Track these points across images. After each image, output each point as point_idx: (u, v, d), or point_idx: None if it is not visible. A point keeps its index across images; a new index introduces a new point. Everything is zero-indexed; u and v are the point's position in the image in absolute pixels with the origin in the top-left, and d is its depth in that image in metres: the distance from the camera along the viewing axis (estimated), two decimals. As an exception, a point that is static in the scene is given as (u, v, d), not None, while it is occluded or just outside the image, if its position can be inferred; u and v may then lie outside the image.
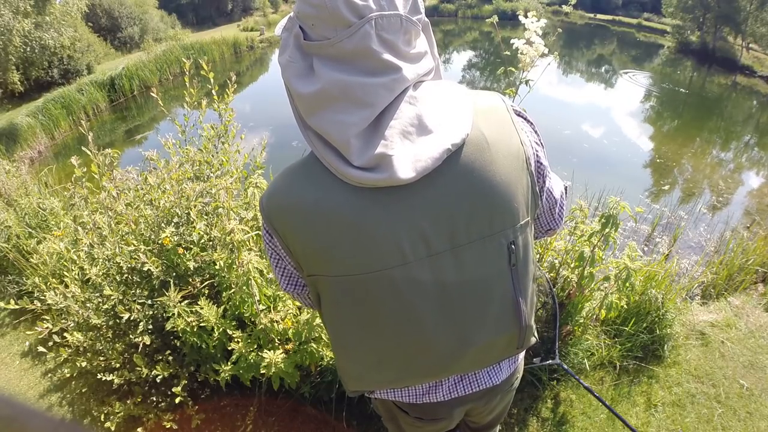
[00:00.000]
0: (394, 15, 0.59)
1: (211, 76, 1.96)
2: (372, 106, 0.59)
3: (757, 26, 18.16)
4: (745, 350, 2.29)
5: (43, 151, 10.19)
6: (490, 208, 0.64)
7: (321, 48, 0.60)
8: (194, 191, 1.78)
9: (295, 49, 0.63)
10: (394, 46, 0.60)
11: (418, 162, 0.59)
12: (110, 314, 1.78)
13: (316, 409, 1.92)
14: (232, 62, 19.65)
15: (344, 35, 0.57)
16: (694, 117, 12.44)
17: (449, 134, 0.61)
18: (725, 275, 2.93)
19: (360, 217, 0.62)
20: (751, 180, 8.30)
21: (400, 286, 0.65)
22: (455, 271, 0.65)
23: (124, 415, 1.81)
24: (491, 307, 0.69)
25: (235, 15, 30.79)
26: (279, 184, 0.69)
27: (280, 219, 0.68)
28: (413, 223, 0.62)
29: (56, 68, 13.23)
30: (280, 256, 0.76)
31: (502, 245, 0.66)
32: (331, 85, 0.59)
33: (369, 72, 0.59)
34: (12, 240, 2.80)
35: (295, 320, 1.63)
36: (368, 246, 0.63)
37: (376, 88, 0.59)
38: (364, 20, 0.57)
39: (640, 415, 1.95)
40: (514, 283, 0.69)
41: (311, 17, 0.59)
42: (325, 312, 0.75)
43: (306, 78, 0.62)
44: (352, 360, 0.76)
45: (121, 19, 19.57)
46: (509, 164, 0.65)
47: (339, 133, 0.60)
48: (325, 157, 0.62)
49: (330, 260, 0.66)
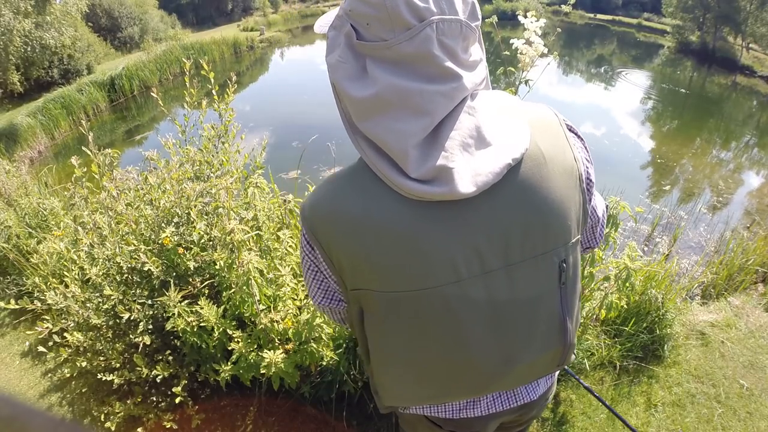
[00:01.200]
0: (455, 20, 0.56)
1: (212, 76, 1.96)
2: (431, 115, 0.57)
3: (757, 26, 18.16)
4: (745, 350, 2.29)
5: (43, 151, 10.19)
6: (545, 225, 0.62)
7: (376, 49, 0.57)
8: (194, 191, 1.78)
9: (346, 49, 0.59)
10: (453, 53, 0.57)
11: (478, 176, 0.57)
12: (110, 314, 1.78)
13: (316, 409, 1.92)
14: (232, 62, 19.65)
15: (403, 38, 0.54)
16: (694, 117, 12.44)
17: (509, 148, 0.59)
18: (725, 275, 2.93)
19: (413, 230, 0.59)
20: (751, 180, 8.30)
21: (452, 303, 0.62)
22: (508, 290, 0.63)
23: (124, 415, 1.81)
24: (539, 326, 0.68)
25: (235, 15, 30.80)
26: (324, 193, 0.65)
27: (325, 230, 0.64)
28: (468, 239, 0.60)
29: (56, 68, 13.24)
30: (320, 269, 0.72)
31: (554, 263, 0.65)
32: (388, 90, 0.56)
33: (428, 78, 0.56)
34: (12, 240, 2.80)
35: (295, 320, 1.63)
36: (421, 261, 0.60)
37: (436, 96, 0.56)
38: (425, 23, 0.54)
39: (640, 415, 1.95)
40: (562, 301, 0.68)
41: (367, 16, 0.56)
42: (368, 328, 0.71)
43: (359, 80, 0.59)
44: (393, 376, 0.74)
45: (121, 19, 19.57)
46: (564, 181, 0.63)
47: (396, 142, 0.57)
48: (378, 166, 0.59)
49: (379, 275, 0.63)
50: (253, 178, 1.97)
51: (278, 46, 23.83)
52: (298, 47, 25.40)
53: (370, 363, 0.76)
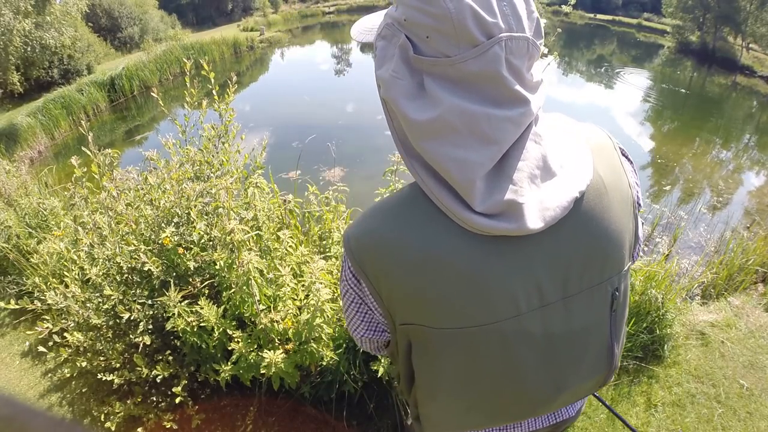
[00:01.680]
0: (522, 38, 0.51)
1: (212, 76, 1.96)
2: (498, 144, 0.52)
3: (757, 26, 18.16)
4: (745, 350, 2.29)
5: (43, 151, 10.19)
6: (604, 256, 0.61)
7: (437, 66, 0.51)
8: (194, 191, 1.78)
9: (400, 63, 0.54)
10: (519, 74, 0.53)
11: (546, 211, 0.54)
12: (110, 314, 1.79)
13: (316, 409, 1.92)
14: (232, 62, 19.65)
15: (469, 55, 0.49)
16: (694, 117, 12.44)
17: (575, 179, 0.56)
18: (725, 275, 2.93)
19: (476, 267, 0.56)
20: (751, 180, 8.30)
21: (509, 338, 0.60)
22: (563, 321, 0.62)
23: (124, 415, 1.81)
24: (588, 354, 0.67)
25: (235, 15, 30.80)
26: (375, 223, 0.60)
27: (376, 263, 0.60)
28: (530, 273, 0.58)
29: (56, 68, 13.24)
30: (364, 302, 0.68)
31: (607, 292, 0.63)
32: (452, 113, 0.51)
33: (494, 102, 0.52)
34: (12, 240, 2.80)
35: (295, 320, 1.63)
36: (481, 298, 0.57)
37: (504, 123, 0.52)
38: (494, 40, 0.49)
39: (640, 415, 1.95)
40: (611, 328, 0.66)
41: (427, 28, 0.51)
42: (417, 361, 0.68)
43: (417, 100, 0.54)
44: (440, 407, 0.72)
45: (121, 19, 19.57)
46: (621, 209, 0.61)
47: (461, 173, 0.52)
48: (438, 196, 0.55)
49: (435, 311, 0.59)
50: (253, 178, 1.97)
51: (278, 46, 23.83)
52: (298, 47, 25.40)
53: (411, 392, 0.74)
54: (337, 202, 2.10)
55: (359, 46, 25.14)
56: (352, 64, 20.69)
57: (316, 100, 13.23)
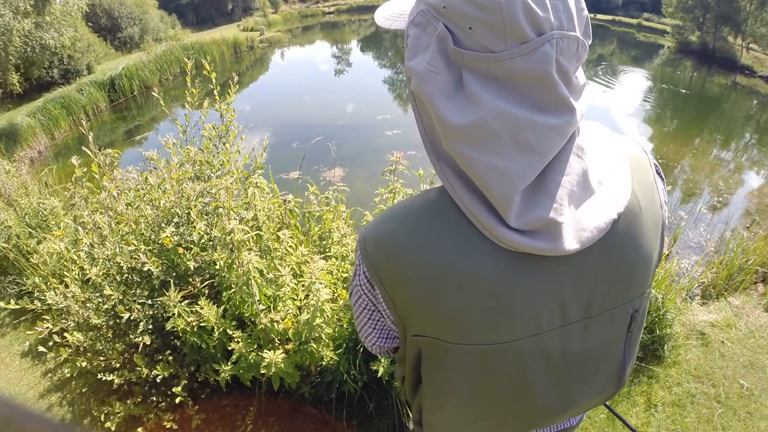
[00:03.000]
0: (573, 37, 0.47)
1: (213, 76, 1.96)
2: (542, 155, 0.48)
3: (757, 26, 18.17)
4: (745, 350, 2.29)
5: (43, 151, 10.20)
6: (630, 278, 0.58)
7: (478, 61, 0.46)
8: (194, 191, 1.78)
9: (437, 55, 0.48)
10: (567, 77, 0.48)
11: (582, 232, 0.50)
12: (110, 314, 1.79)
13: (316, 409, 1.92)
14: (232, 62, 19.66)
15: (517, 52, 0.45)
16: (694, 117, 12.44)
17: (614, 199, 0.53)
18: (725, 275, 2.93)
19: (502, 283, 0.53)
20: (751, 180, 8.30)
21: (525, 355, 0.58)
22: (581, 340, 0.60)
23: (124, 415, 1.81)
24: (600, 372, 0.66)
25: (235, 15, 30.81)
26: (395, 226, 0.56)
27: (393, 269, 0.56)
28: (557, 293, 0.55)
29: (56, 68, 13.25)
30: (377, 309, 0.65)
31: (627, 313, 0.61)
32: (495, 118, 0.47)
33: (540, 107, 0.47)
34: (12, 240, 2.80)
35: (295, 320, 1.63)
36: (505, 316, 0.54)
37: (550, 133, 0.48)
38: (545, 37, 0.45)
39: (640, 415, 1.95)
40: (625, 347, 0.65)
41: (470, 18, 0.45)
42: (426, 372, 0.66)
43: (455, 99, 0.48)
44: (446, 418, 0.70)
45: (121, 19, 19.58)
46: (652, 231, 0.58)
47: (501, 184, 0.48)
48: (469, 206, 0.51)
49: (452, 326, 0.56)
50: (253, 178, 1.97)
51: (278, 46, 23.83)
52: (298, 47, 25.40)
53: (416, 398, 0.72)
54: (337, 202, 2.10)
55: (359, 46, 25.14)
56: (352, 64, 20.70)
57: (316, 100, 13.23)
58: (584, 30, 0.49)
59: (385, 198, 1.87)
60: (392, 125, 10.22)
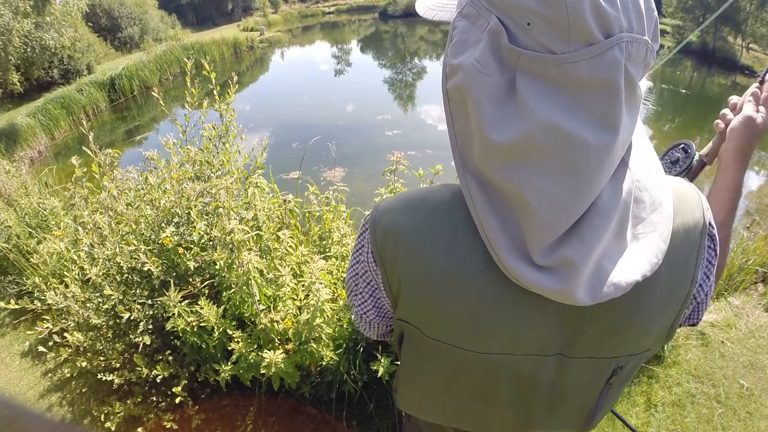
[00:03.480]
0: (642, 41, 0.41)
1: (213, 76, 1.96)
2: (589, 184, 0.42)
3: (757, 26, 18.18)
4: (745, 350, 2.29)
5: (43, 151, 10.20)
6: (619, 339, 0.54)
7: (536, 63, 0.41)
8: (194, 191, 1.78)
9: (488, 53, 0.43)
10: (632, 87, 0.42)
11: (600, 285, 0.45)
12: (110, 314, 1.79)
13: (316, 409, 1.92)
14: (232, 62, 19.66)
15: (582, 55, 0.39)
16: (694, 117, 12.44)
17: (643, 258, 0.46)
18: (725, 275, 2.93)
19: (491, 299, 0.52)
20: (751, 180, 8.30)
21: (495, 370, 0.58)
22: (554, 373, 0.58)
23: (125, 415, 1.81)
24: (566, 408, 0.64)
25: (235, 15, 30.82)
26: (405, 223, 0.55)
27: (394, 259, 0.56)
28: (541, 325, 0.53)
29: (56, 68, 13.26)
30: (378, 287, 0.64)
31: (608, 367, 0.58)
32: (544, 132, 0.41)
33: (597, 123, 0.41)
34: (12, 240, 2.80)
35: (295, 320, 1.63)
36: (484, 329, 0.54)
37: (602, 155, 0.42)
38: (614, 40, 0.39)
39: (640, 415, 1.95)
40: (601, 396, 0.63)
41: (530, 12, 0.40)
42: (404, 354, 0.68)
43: (505, 107, 0.43)
44: (416, 398, 0.73)
45: (121, 19, 19.60)
46: (666, 301, 0.52)
47: (549, 209, 0.43)
48: (485, 227, 0.47)
49: (434, 322, 0.57)
50: (253, 178, 1.97)
51: (278, 46, 23.84)
52: (298, 47, 25.41)
53: (397, 372, 0.76)
54: (337, 202, 2.10)
55: (359, 46, 25.14)
56: (352, 64, 20.70)
57: (316, 100, 13.24)
58: (653, 34, 0.43)
59: (385, 198, 1.87)
60: (392, 125, 10.23)
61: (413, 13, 11.54)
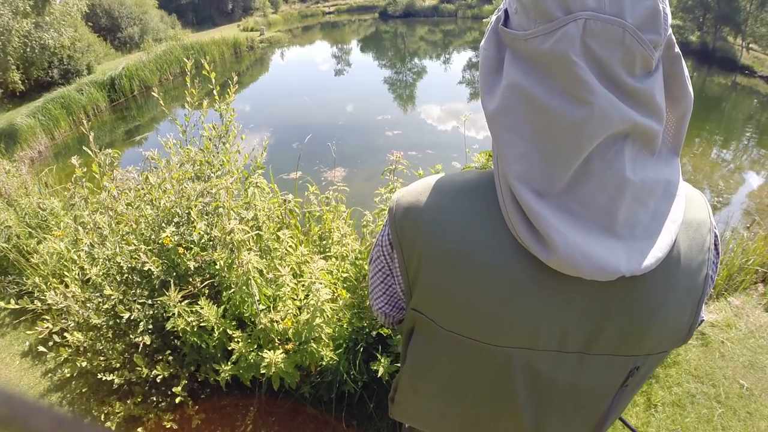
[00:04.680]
0: (614, 21, 0.42)
1: (213, 76, 1.96)
2: (557, 148, 0.46)
3: (757, 26, 18.17)
4: (745, 350, 2.29)
5: (43, 151, 10.20)
6: (641, 334, 0.55)
7: (516, 40, 0.47)
8: (195, 191, 1.78)
9: (492, 35, 0.51)
10: (605, 68, 0.43)
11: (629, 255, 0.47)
12: (110, 314, 1.79)
13: (316, 409, 1.92)
14: (232, 62, 19.66)
15: (541, 31, 0.44)
16: (694, 117, 12.27)
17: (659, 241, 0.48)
18: (725, 275, 2.93)
19: (514, 287, 0.51)
20: (751, 180, 8.30)
21: (512, 366, 0.57)
22: (572, 374, 0.58)
23: (125, 414, 1.81)
24: (579, 413, 0.64)
25: (235, 15, 30.82)
26: (428, 199, 0.55)
27: (414, 241, 0.55)
28: (562, 316, 0.53)
29: (56, 68, 13.24)
30: (392, 273, 0.64)
31: (626, 367, 0.58)
32: (512, 92, 0.47)
33: (556, 92, 0.45)
34: (12, 240, 2.80)
35: (295, 320, 1.63)
36: (503, 319, 0.53)
37: (564, 122, 0.45)
38: (570, 17, 0.42)
39: (640, 415, 1.95)
40: (614, 400, 0.62)
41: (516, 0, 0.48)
42: (412, 351, 0.65)
43: (494, 76, 0.50)
44: (417, 404, 0.70)
45: (121, 19, 19.59)
46: (684, 299, 0.54)
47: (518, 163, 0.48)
48: (506, 200, 0.49)
49: (452, 311, 0.56)
50: (254, 178, 1.97)
51: (278, 47, 23.84)
52: (298, 47, 25.42)
53: (397, 376, 0.73)
54: (337, 202, 2.10)
55: (359, 46, 25.14)
56: (352, 64, 20.70)
57: (316, 100, 13.24)
58: (644, 21, 0.43)
59: (385, 198, 1.87)
60: (392, 125, 10.23)
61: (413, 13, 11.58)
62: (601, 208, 0.47)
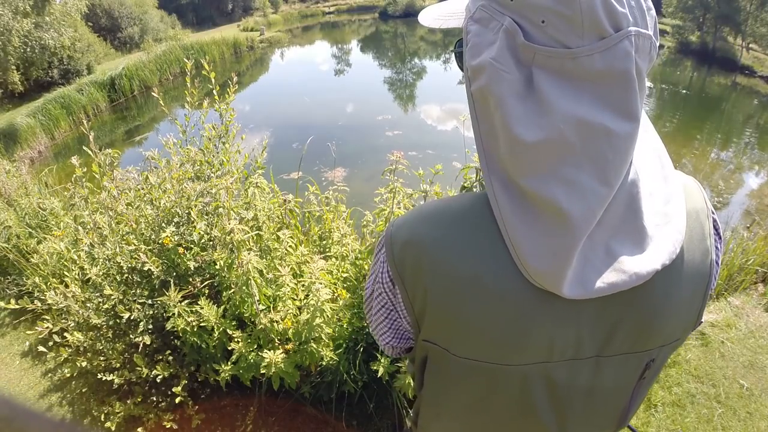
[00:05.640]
0: (647, 35, 0.43)
1: (213, 76, 1.96)
2: (616, 171, 0.45)
3: (757, 26, 18.17)
4: (745, 350, 2.29)
5: (43, 151, 10.20)
6: (653, 330, 0.55)
7: (552, 58, 0.43)
8: (195, 191, 1.78)
9: (505, 52, 0.45)
10: (642, 79, 0.44)
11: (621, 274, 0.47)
12: (110, 314, 1.79)
13: (316, 409, 1.92)
14: (232, 62, 19.66)
15: (596, 48, 0.41)
16: (694, 117, 12.44)
17: (662, 246, 0.48)
18: (725, 275, 2.93)
19: (523, 309, 0.51)
20: (751, 180, 8.31)
21: (530, 381, 0.57)
22: (590, 377, 0.58)
23: (125, 415, 1.81)
24: (602, 411, 0.64)
25: (235, 15, 30.82)
26: (426, 229, 0.53)
27: (417, 274, 0.54)
28: (575, 326, 0.52)
29: (56, 68, 13.25)
30: (395, 308, 0.62)
31: (642, 361, 0.58)
32: (570, 126, 0.43)
33: (616, 112, 0.43)
34: (12, 240, 2.80)
35: (295, 320, 1.63)
36: (518, 340, 0.53)
37: (625, 143, 0.44)
38: (623, 33, 0.41)
39: (640, 415, 1.95)
40: (633, 393, 0.63)
41: (544, 10, 0.42)
42: (429, 378, 0.64)
43: (527, 101, 0.44)
44: (440, 428, 0.70)
45: (121, 19, 19.60)
46: (691, 288, 0.54)
47: (581, 205, 0.44)
48: (509, 228, 0.47)
49: (464, 339, 0.55)
50: (254, 178, 1.97)
51: (278, 47, 23.84)
52: (298, 47, 25.42)
53: (416, 401, 0.73)
54: (337, 202, 2.10)
55: (359, 46, 25.14)
56: (352, 64, 20.70)
57: (316, 100, 13.24)
58: (654, 30, 0.45)
59: (385, 198, 1.87)
60: (392, 125, 10.23)
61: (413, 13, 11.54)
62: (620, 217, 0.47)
